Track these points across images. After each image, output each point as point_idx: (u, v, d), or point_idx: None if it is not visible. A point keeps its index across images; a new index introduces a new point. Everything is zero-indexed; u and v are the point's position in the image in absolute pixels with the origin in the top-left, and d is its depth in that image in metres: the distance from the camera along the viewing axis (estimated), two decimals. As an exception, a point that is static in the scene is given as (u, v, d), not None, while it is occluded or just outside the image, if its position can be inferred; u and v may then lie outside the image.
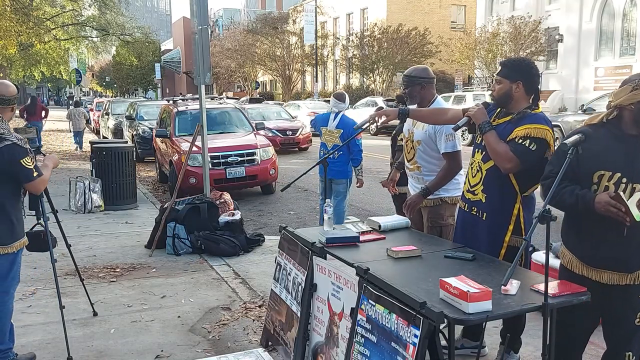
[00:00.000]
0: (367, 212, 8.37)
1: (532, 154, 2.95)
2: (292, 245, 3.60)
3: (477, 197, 3.22)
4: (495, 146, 3.03)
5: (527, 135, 2.97)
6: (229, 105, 12.63)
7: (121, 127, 18.36)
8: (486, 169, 3.17)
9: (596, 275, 2.65)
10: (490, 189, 3.16)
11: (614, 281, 2.62)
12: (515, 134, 3.01)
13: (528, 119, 3.03)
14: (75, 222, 7.76)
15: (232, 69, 45.37)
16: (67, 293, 4.87)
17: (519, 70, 3.11)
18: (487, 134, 3.08)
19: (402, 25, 33.78)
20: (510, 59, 3.25)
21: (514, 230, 3.13)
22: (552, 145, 3.00)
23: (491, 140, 3.05)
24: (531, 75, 3.12)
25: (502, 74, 3.13)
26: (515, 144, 2.98)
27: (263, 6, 66.25)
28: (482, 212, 3.20)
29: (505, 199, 3.13)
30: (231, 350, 3.87)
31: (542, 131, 2.98)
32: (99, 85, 75.54)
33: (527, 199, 3.15)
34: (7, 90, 3.45)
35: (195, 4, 6.88)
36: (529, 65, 3.15)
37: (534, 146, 2.95)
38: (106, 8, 30.79)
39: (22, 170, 3.31)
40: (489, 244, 3.17)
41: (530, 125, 2.99)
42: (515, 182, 3.09)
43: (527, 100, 3.12)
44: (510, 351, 3.40)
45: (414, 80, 3.95)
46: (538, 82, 3.16)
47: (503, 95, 3.13)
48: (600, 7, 23.68)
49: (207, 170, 7.16)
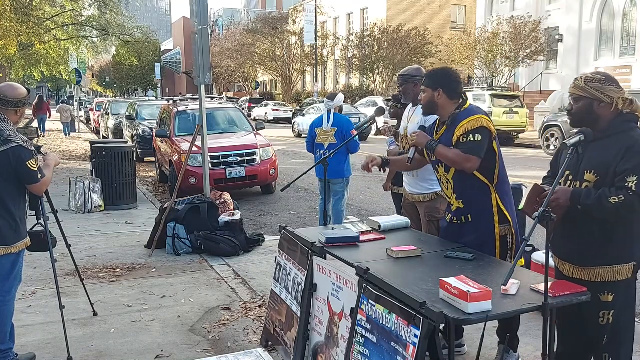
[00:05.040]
0: (367, 212, 8.37)
1: (481, 144, 3.13)
2: (292, 245, 3.60)
3: (456, 206, 3.33)
4: (447, 155, 3.21)
5: (466, 130, 3.16)
6: (228, 105, 12.62)
7: (121, 127, 18.37)
8: (452, 177, 3.31)
9: (561, 267, 2.79)
10: (464, 193, 3.28)
11: (573, 274, 2.70)
12: (456, 137, 3.19)
13: (459, 118, 3.24)
14: (75, 222, 7.76)
15: (232, 69, 45.40)
16: (67, 293, 4.87)
17: (437, 79, 3.34)
18: (437, 149, 3.26)
19: (402, 25, 33.79)
20: (430, 70, 3.52)
21: (500, 220, 3.24)
22: (491, 128, 3.19)
23: (442, 152, 3.23)
24: (449, 81, 3.33)
25: (425, 84, 3.38)
26: (462, 144, 3.16)
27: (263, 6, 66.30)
28: (467, 216, 3.29)
29: (481, 196, 3.24)
30: (231, 350, 3.87)
31: (475, 121, 3.16)
32: (99, 85, 75.50)
33: (499, 186, 3.27)
34: (13, 92, 3.45)
35: (195, 4, 6.88)
36: (447, 73, 3.39)
37: (478, 137, 3.13)
38: (106, 8, 30.75)
39: (28, 172, 3.33)
40: (482, 242, 3.23)
41: (463, 122, 3.19)
42: (481, 176, 3.21)
43: (453, 105, 3.33)
44: (510, 350, 3.41)
45: (407, 78, 4.20)
46: (459, 87, 3.34)
47: (428, 103, 3.38)
48: (600, 7, 23.67)
49: (207, 170, 7.16)
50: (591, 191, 2.54)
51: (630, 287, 2.66)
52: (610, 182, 2.53)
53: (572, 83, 2.70)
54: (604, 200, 2.48)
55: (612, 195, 2.47)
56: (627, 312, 2.67)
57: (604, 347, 2.66)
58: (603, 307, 2.63)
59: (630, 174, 2.46)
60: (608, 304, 2.63)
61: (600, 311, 2.63)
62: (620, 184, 2.48)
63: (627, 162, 2.48)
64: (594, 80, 2.60)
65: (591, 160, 2.60)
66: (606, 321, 2.63)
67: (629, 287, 2.65)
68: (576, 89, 2.65)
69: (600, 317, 2.64)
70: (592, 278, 2.63)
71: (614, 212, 2.48)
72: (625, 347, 2.69)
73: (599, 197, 2.50)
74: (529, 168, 12.76)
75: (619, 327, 2.65)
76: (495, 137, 3.21)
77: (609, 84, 2.59)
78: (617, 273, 2.60)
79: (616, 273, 2.60)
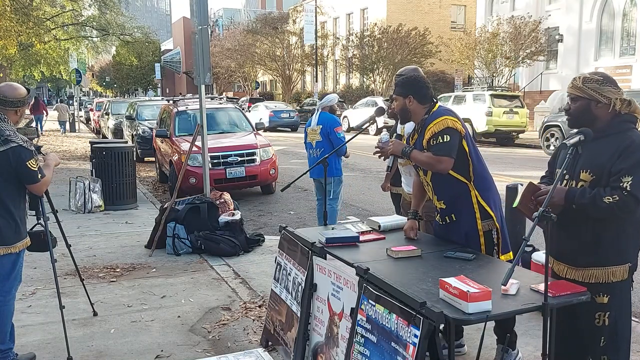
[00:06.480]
0: (367, 212, 8.37)
1: (450, 144, 3.19)
2: (292, 245, 3.60)
3: (439, 207, 3.41)
4: (421, 159, 3.28)
5: (433, 133, 3.23)
6: (228, 105, 12.62)
7: (121, 127, 18.37)
8: (430, 179, 3.38)
9: (555, 267, 2.78)
10: (444, 194, 3.35)
11: (567, 274, 2.71)
12: (425, 140, 3.27)
13: (427, 121, 3.31)
14: (75, 222, 7.76)
15: (232, 69, 45.37)
16: (67, 293, 4.87)
17: (407, 86, 3.40)
18: (411, 155, 3.33)
19: (402, 25, 33.76)
20: (399, 79, 3.57)
21: (482, 216, 3.28)
22: (458, 127, 3.23)
23: (416, 157, 3.31)
24: (419, 87, 3.38)
25: (396, 92, 3.44)
26: (432, 146, 3.23)
27: (263, 6, 66.27)
28: (451, 216, 3.35)
29: (459, 194, 3.30)
30: (231, 350, 3.87)
31: (441, 123, 3.23)
32: (99, 85, 75.51)
33: (477, 182, 3.31)
34: (13, 92, 3.45)
35: (195, 4, 6.88)
36: (415, 79, 3.45)
37: (447, 137, 3.19)
38: (106, 8, 30.77)
39: (28, 172, 3.33)
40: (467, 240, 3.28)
41: (430, 125, 3.26)
42: (457, 175, 3.26)
43: (424, 109, 3.38)
44: (509, 350, 3.41)
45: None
46: (428, 91, 3.39)
47: (401, 110, 3.43)
48: (600, 7, 23.67)
49: (207, 170, 7.16)
50: (586, 190, 2.54)
51: (625, 289, 2.65)
52: (605, 182, 2.53)
53: (570, 83, 2.70)
54: (598, 200, 2.47)
55: (607, 195, 2.47)
56: (623, 314, 2.65)
57: (601, 349, 2.64)
58: (599, 309, 2.62)
59: (626, 174, 2.46)
60: (604, 306, 2.61)
61: (595, 312, 2.62)
62: (615, 184, 2.48)
63: (622, 162, 2.48)
64: (591, 80, 2.60)
65: (588, 160, 2.60)
66: (602, 323, 2.62)
67: (624, 289, 2.64)
68: (574, 89, 2.65)
69: (596, 319, 2.63)
70: (586, 279, 2.63)
71: (608, 211, 2.47)
72: (623, 350, 2.68)
73: (593, 196, 2.50)
74: (529, 168, 12.76)
75: (617, 329, 2.63)
76: (464, 135, 3.26)
77: (607, 84, 2.59)
78: (611, 274, 2.60)
79: (610, 274, 2.60)
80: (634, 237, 2.62)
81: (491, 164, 3.82)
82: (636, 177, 2.45)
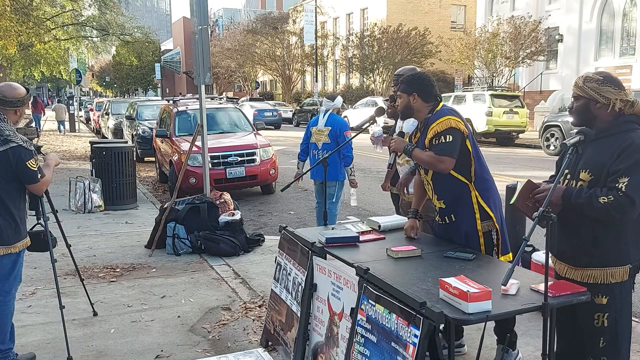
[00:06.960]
0: (367, 212, 8.37)
1: (453, 144, 3.19)
2: (292, 245, 3.60)
3: (439, 206, 3.40)
4: (422, 157, 3.28)
5: (436, 132, 3.22)
6: (228, 105, 12.62)
7: (121, 127, 18.37)
8: (430, 178, 3.39)
9: (556, 266, 2.79)
10: (444, 193, 3.35)
11: (566, 273, 2.71)
12: (428, 139, 3.27)
13: (430, 121, 3.31)
14: (75, 222, 7.76)
15: (232, 69, 45.35)
16: (67, 293, 4.87)
17: (412, 83, 3.39)
18: (413, 153, 3.34)
19: (402, 25, 33.77)
20: (404, 76, 3.55)
21: (482, 217, 3.28)
22: (460, 127, 3.22)
23: (418, 155, 3.31)
24: (424, 85, 3.38)
25: (400, 89, 3.44)
26: (434, 146, 3.23)
27: (263, 6, 66.24)
28: (450, 216, 3.35)
29: (460, 195, 3.29)
30: (231, 350, 3.87)
31: (444, 122, 3.22)
32: (99, 85, 75.51)
33: (478, 183, 3.30)
34: (12, 92, 3.45)
35: (195, 4, 6.87)
36: (420, 77, 3.44)
37: (449, 137, 3.19)
38: (106, 8, 30.77)
39: (28, 172, 3.33)
40: (467, 240, 3.28)
41: (433, 125, 3.26)
42: (458, 175, 3.26)
43: (428, 107, 3.38)
44: (509, 350, 3.41)
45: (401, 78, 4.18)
46: (433, 89, 3.39)
47: (404, 108, 3.44)
48: (600, 7, 23.66)
49: (207, 170, 7.16)
50: (582, 190, 2.54)
51: (626, 291, 2.62)
52: (604, 182, 2.52)
53: (574, 81, 2.71)
54: (594, 200, 2.47)
55: (602, 195, 2.46)
56: (623, 316, 2.63)
57: (601, 350, 2.63)
58: (597, 310, 2.60)
59: (623, 174, 2.45)
60: (603, 307, 2.60)
61: (594, 313, 2.61)
62: (612, 184, 2.47)
63: (620, 163, 2.48)
64: (592, 80, 2.60)
65: (588, 160, 2.60)
66: (601, 324, 2.61)
67: (624, 291, 2.62)
68: (576, 88, 2.66)
69: (595, 320, 2.61)
70: (585, 279, 2.62)
71: (603, 212, 2.46)
72: (623, 352, 2.67)
73: (589, 196, 2.49)
74: (529, 168, 12.77)
75: (617, 330, 2.61)
76: (467, 135, 3.26)
77: (607, 84, 2.57)
78: (610, 275, 2.58)
79: (609, 275, 2.58)
80: (635, 239, 2.60)
81: (491, 164, 3.81)
82: (632, 178, 2.44)
